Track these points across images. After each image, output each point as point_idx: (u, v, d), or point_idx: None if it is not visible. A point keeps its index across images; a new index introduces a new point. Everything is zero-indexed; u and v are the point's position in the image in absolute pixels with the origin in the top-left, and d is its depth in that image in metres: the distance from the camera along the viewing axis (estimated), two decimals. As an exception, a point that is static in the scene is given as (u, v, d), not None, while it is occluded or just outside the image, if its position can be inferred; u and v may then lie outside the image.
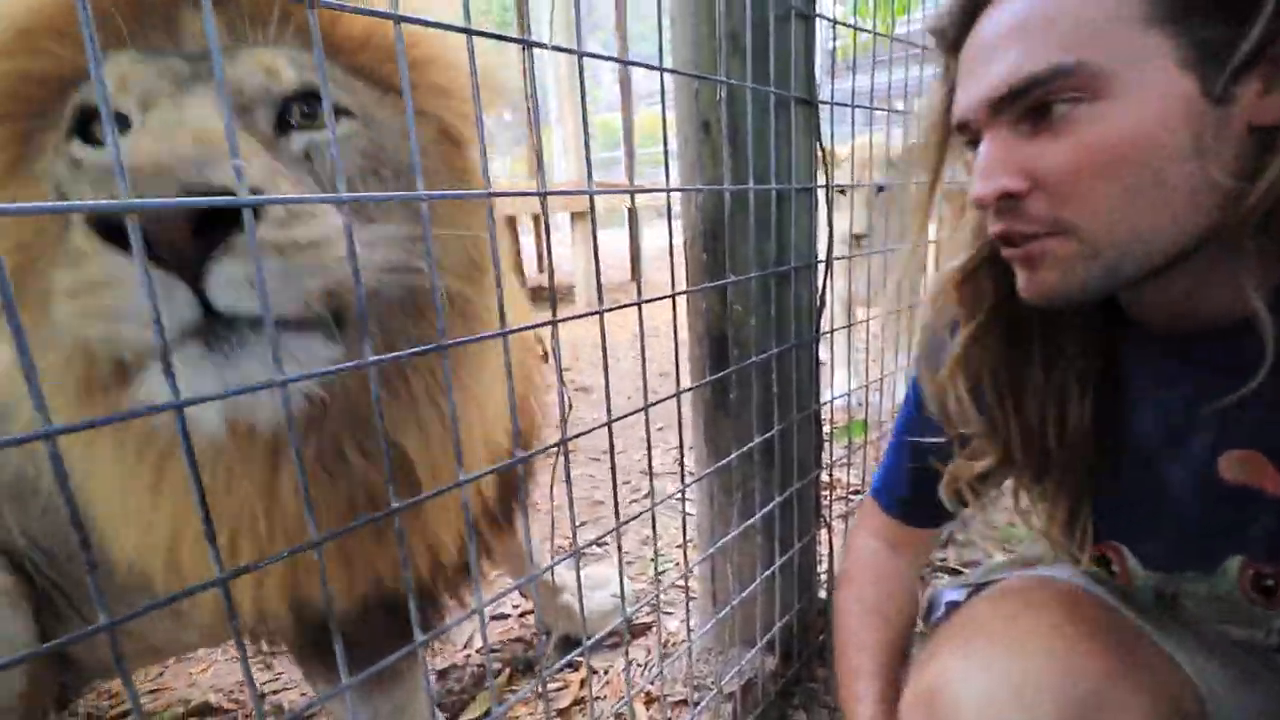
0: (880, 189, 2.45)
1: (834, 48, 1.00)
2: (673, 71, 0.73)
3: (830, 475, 1.43)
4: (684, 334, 1.00)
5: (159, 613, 0.37)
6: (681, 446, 0.81)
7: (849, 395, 1.70)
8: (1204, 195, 0.50)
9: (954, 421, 0.73)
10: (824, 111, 1.00)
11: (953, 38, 0.60)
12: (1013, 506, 0.78)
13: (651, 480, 0.81)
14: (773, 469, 1.03)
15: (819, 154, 1.01)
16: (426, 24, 0.47)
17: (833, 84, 1.04)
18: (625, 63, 0.65)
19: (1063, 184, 0.53)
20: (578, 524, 1.99)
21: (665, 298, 0.76)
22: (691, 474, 1.02)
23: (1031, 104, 0.53)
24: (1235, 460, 0.59)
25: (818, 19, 0.96)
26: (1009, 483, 0.77)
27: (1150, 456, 0.65)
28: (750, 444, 0.96)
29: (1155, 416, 0.64)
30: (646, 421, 0.75)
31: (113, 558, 0.61)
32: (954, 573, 1.47)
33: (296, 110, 0.54)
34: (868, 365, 1.45)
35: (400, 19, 0.45)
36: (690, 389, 0.88)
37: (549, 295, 0.60)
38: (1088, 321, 0.66)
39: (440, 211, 0.60)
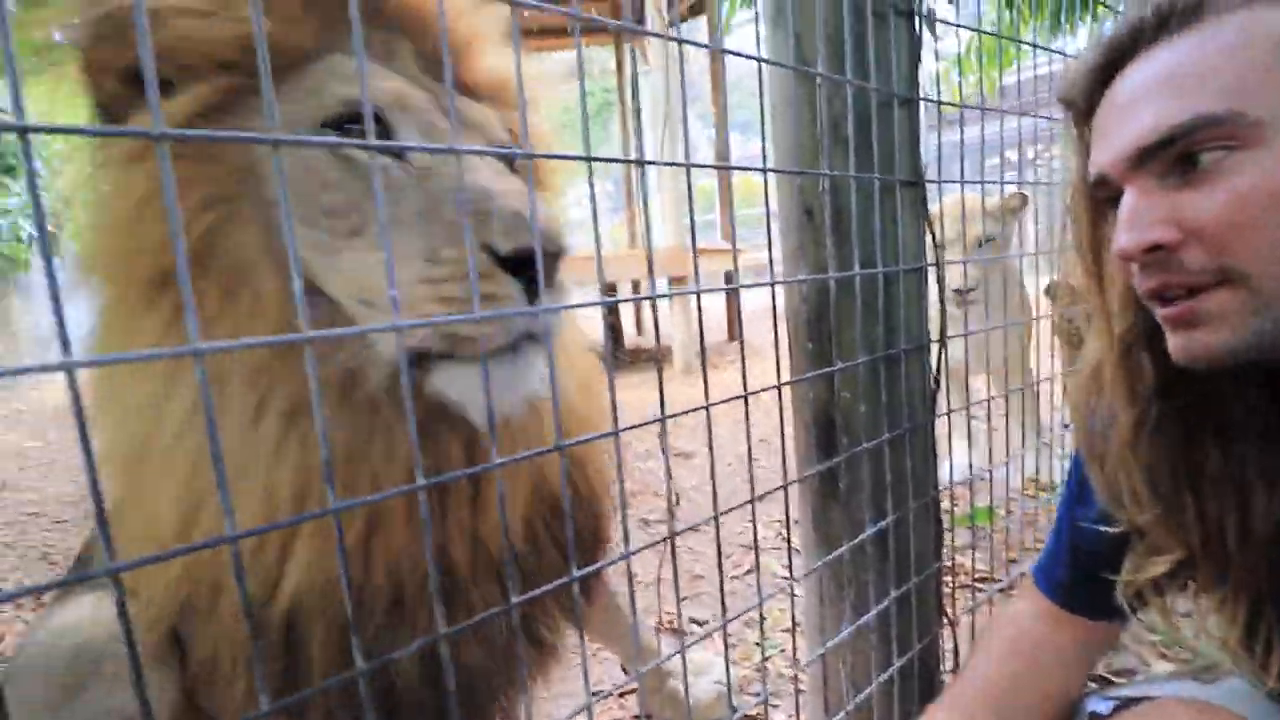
0: (987, 240, 2.34)
1: (939, 96, 0.99)
2: (775, 171, 0.75)
3: (953, 562, 1.32)
4: (790, 418, 0.98)
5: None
6: (788, 522, 0.78)
7: (970, 472, 1.59)
8: None
9: (1129, 513, 0.68)
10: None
11: (1084, 107, 0.60)
12: (1192, 610, 0.69)
13: (758, 566, 0.79)
14: (887, 561, 0.97)
15: (928, 234, 0.99)
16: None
17: (939, 139, 1.02)
18: (729, 168, 0.67)
19: (1221, 232, 0.51)
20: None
21: (771, 388, 0.76)
22: (798, 551, 0.98)
23: (1178, 154, 0.52)
24: None
25: (921, 102, 0.96)
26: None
27: None
28: (862, 535, 0.91)
29: None
30: (754, 514, 0.73)
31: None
32: (1103, 682, 1.30)
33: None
34: (989, 435, 1.35)
35: (529, 155, 0.50)
36: (797, 480, 0.86)
37: (659, 399, 0.61)
38: (1261, 404, 0.61)
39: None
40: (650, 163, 0.59)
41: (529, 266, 0.52)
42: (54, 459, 4.62)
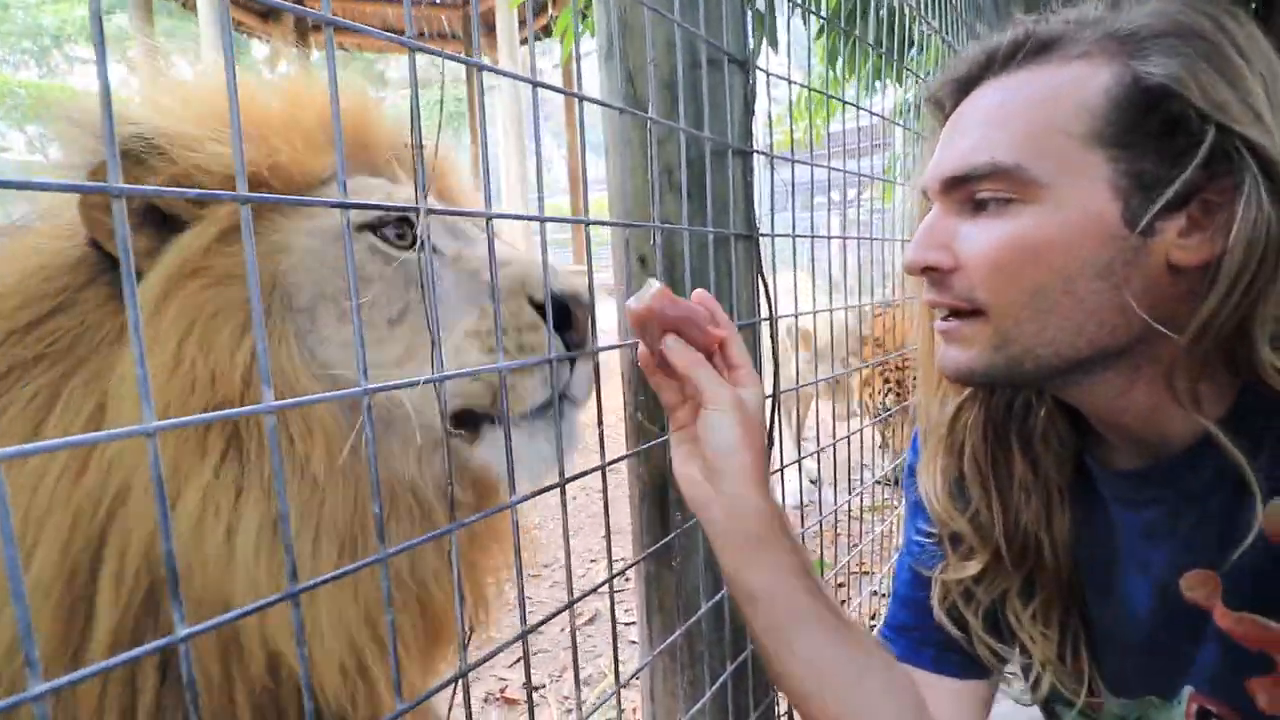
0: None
1: (771, 140, 0.98)
2: (600, 223, 0.66)
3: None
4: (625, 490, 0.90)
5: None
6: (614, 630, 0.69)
7: (801, 496, 1.62)
8: (1110, 314, 0.53)
9: (941, 514, 0.70)
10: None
11: (948, 110, 0.62)
12: (1014, 630, 0.69)
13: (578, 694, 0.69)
14: (723, 629, 0.92)
15: (761, 287, 0.96)
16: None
17: (772, 179, 1.01)
18: (580, 222, 0.58)
19: (980, 269, 0.56)
20: (509, 643, 1.79)
21: (594, 470, 0.66)
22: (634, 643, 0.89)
23: (970, 192, 0.56)
24: (1194, 579, 0.58)
25: (755, 154, 0.93)
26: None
27: (1117, 570, 0.63)
28: (698, 614, 0.85)
29: (1127, 531, 0.62)
30: (572, 625, 0.63)
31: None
32: None
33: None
34: (819, 466, 1.38)
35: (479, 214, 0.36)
36: (629, 565, 0.77)
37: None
38: (1058, 428, 0.66)
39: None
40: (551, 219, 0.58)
41: (566, 318, 0.61)
42: None
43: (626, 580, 1.90)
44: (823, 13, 1.27)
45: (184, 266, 0.54)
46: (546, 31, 6.65)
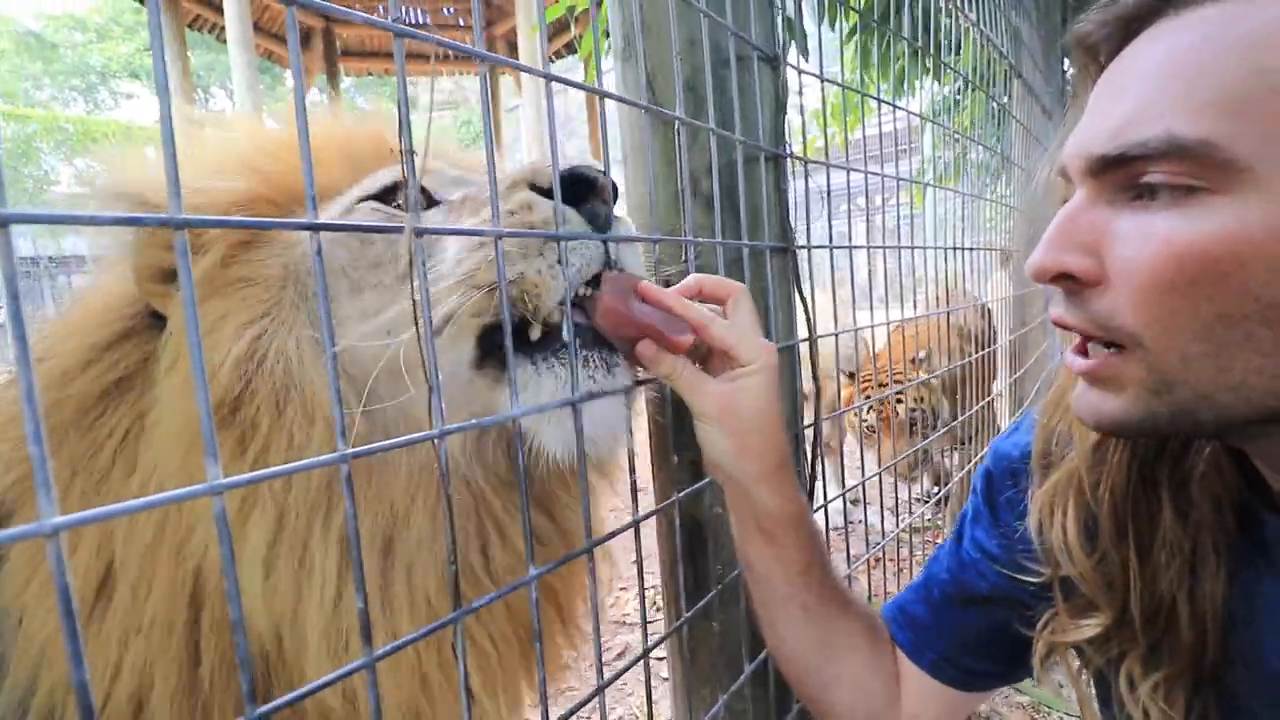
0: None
1: (804, 144, 0.89)
2: (624, 239, 0.58)
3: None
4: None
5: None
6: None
7: (844, 517, 1.50)
8: None
9: (1057, 557, 0.56)
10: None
11: (1103, 57, 0.47)
12: (1122, 696, 0.57)
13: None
14: (766, 689, 0.82)
15: (800, 304, 0.87)
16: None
17: (806, 186, 0.92)
18: (566, 236, 0.50)
19: (1135, 285, 0.41)
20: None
21: (626, 527, 0.58)
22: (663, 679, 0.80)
23: (1133, 176, 0.41)
24: None
25: (789, 159, 0.85)
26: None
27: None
28: (740, 679, 0.75)
29: None
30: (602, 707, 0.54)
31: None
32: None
33: None
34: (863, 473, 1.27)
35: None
36: (661, 639, 0.68)
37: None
38: (1224, 473, 0.51)
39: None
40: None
41: (583, 191, 0.54)
42: None
43: (656, 610, 1.81)
44: (855, 11, 1.18)
45: (201, 289, 0.55)
46: (570, 49, 6.67)
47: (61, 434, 0.54)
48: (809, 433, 0.90)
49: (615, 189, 0.57)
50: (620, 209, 0.59)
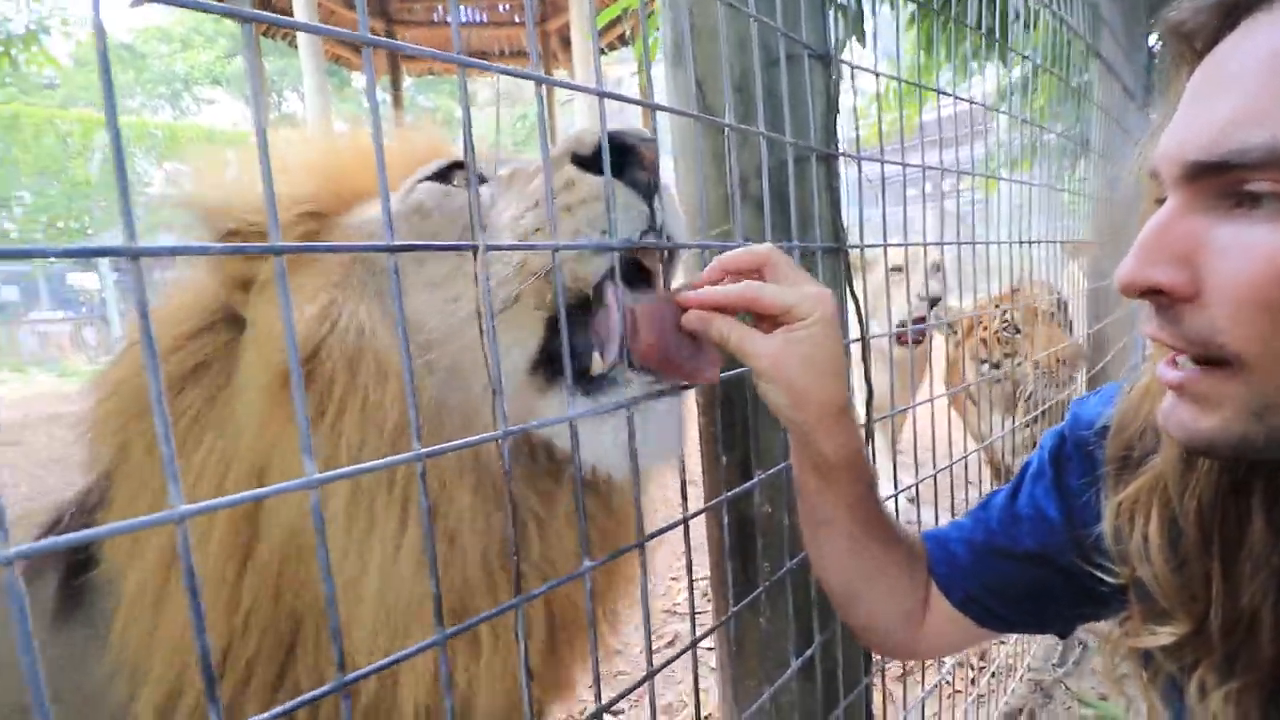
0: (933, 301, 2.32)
1: (856, 135, 0.88)
2: (677, 246, 0.60)
3: (884, 668, 1.20)
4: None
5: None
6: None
7: (895, 517, 1.47)
8: None
9: (1134, 562, 0.54)
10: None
11: (1200, 47, 0.43)
12: (1192, 702, 0.56)
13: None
14: (813, 684, 0.83)
15: (853, 302, 0.87)
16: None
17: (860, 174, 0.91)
18: (618, 246, 0.52)
19: (1233, 301, 0.39)
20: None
21: (676, 524, 0.60)
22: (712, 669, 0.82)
23: (1233, 183, 0.38)
24: None
25: (841, 157, 0.84)
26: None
27: None
28: (786, 674, 0.76)
29: None
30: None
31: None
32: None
33: None
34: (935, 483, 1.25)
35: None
36: (700, 638, 0.70)
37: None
38: None
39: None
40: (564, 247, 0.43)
41: (626, 159, 0.54)
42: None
43: (707, 600, 1.82)
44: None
45: (269, 271, 0.60)
46: (624, 41, 6.68)
47: (148, 417, 0.59)
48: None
49: (657, 157, 0.57)
50: (668, 174, 0.60)
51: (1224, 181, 0.39)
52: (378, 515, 0.56)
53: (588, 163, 0.55)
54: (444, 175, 0.66)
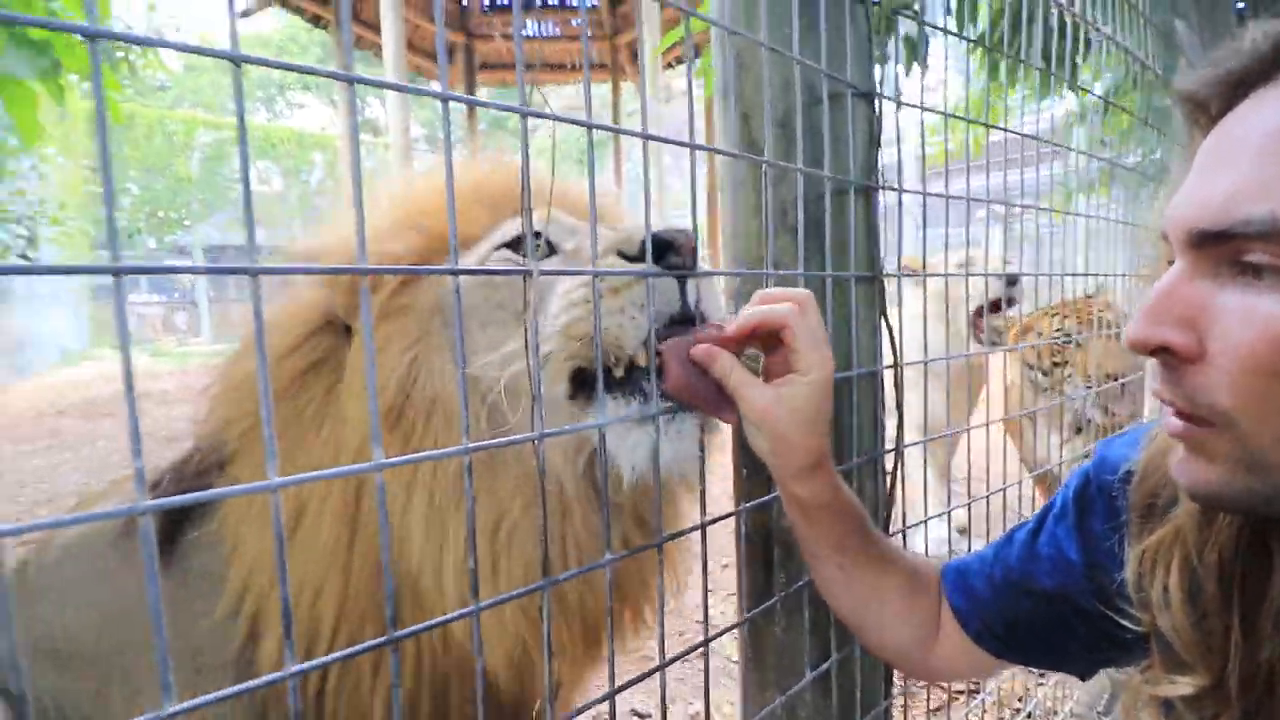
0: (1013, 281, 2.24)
1: (923, 154, 0.90)
2: (713, 274, 0.66)
3: (906, 690, 1.20)
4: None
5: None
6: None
7: (950, 545, 1.46)
8: None
9: (1154, 611, 0.55)
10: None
11: (1214, 113, 0.46)
12: None
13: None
14: (829, 700, 0.86)
15: (885, 331, 0.90)
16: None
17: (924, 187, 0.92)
18: (652, 273, 0.58)
19: (1233, 365, 0.41)
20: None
21: (692, 529, 0.65)
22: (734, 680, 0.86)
23: (1234, 252, 0.41)
24: None
25: (881, 190, 0.87)
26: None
27: None
28: (801, 683, 0.79)
29: None
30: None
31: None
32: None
33: None
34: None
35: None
36: (712, 638, 0.74)
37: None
38: None
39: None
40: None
41: (666, 249, 0.62)
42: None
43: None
44: (974, 30, 1.16)
45: (376, 314, 0.72)
46: (680, 61, 6.78)
47: (274, 403, 0.71)
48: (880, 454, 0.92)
49: (696, 247, 0.65)
50: (704, 255, 0.67)
51: (1227, 250, 0.41)
52: (448, 512, 0.68)
53: (632, 258, 0.66)
54: (517, 244, 0.76)
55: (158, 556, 0.74)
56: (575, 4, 6.98)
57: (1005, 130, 1.12)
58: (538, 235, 0.74)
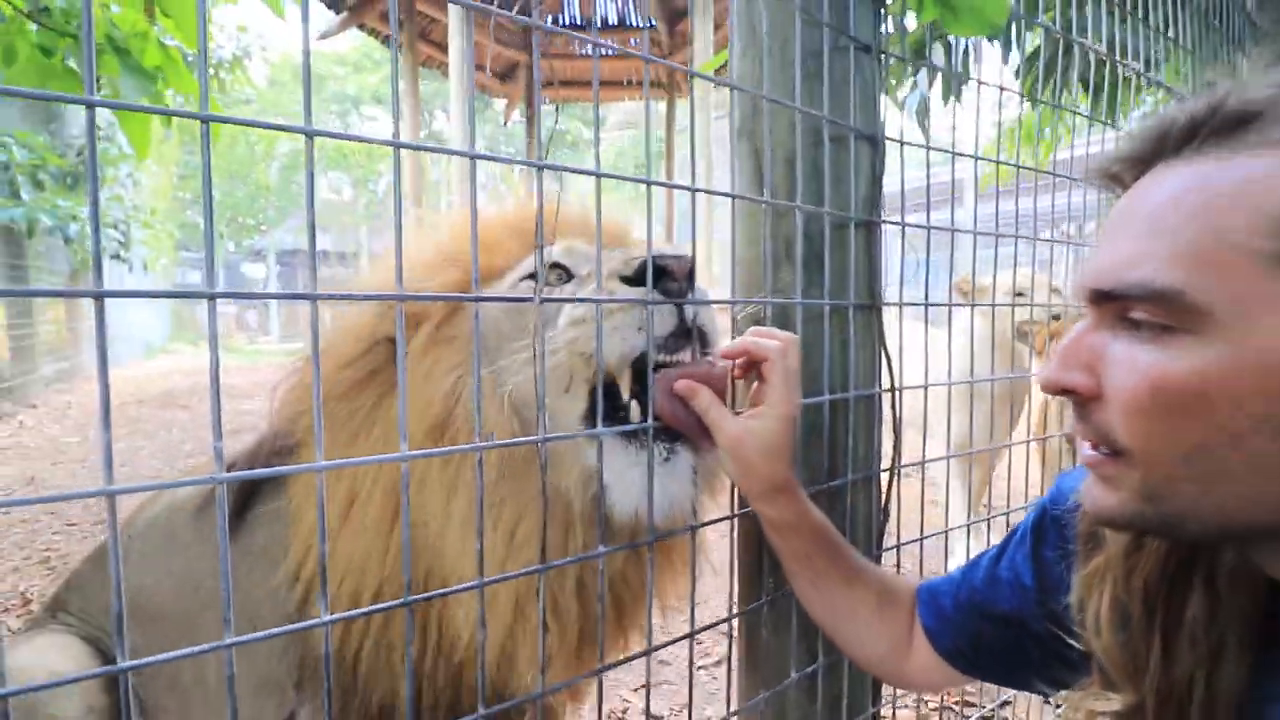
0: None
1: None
2: (704, 303, 0.73)
3: (895, 702, 1.23)
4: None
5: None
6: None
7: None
8: None
9: (1089, 634, 0.61)
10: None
11: (1127, 182, 0.53)
12: None
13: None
14: (814, 705, 0.91)
15: (883, 359, 0.95)
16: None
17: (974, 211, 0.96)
18: (652, 301, 0.66)
19: (1121, 406, 0.47)
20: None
21: (683, 531, 0.72)
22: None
23: (1122, 309, 0.48)
24: None
25: (883, 224, 0.93)
26: None
27: None
28: (785, 681, 0.85)
29: None
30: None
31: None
32: None
33: None
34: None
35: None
36: (696, 631, 0.81)
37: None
38: (1251, 572, 0.54)
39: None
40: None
41: (662, 272, 0.69)
42: (88, 455, 4.83)
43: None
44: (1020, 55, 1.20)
45: (421, 342, 0.84)
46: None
47: (334, 404, 0.84)
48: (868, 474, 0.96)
49: (692, 270, 0.73)
50: (703, 278, 0.75)
51: (1116, 307, 0.48)
52: (485, 517, 0.76)
53: (630, 280, 0.73)
54: (535, 275, 0.83)
55: (229, 524, 0.88)
56: (635, 24, 7.19)
57: (1018, 166, 1.15)
58: (557, 265, 0.85)
